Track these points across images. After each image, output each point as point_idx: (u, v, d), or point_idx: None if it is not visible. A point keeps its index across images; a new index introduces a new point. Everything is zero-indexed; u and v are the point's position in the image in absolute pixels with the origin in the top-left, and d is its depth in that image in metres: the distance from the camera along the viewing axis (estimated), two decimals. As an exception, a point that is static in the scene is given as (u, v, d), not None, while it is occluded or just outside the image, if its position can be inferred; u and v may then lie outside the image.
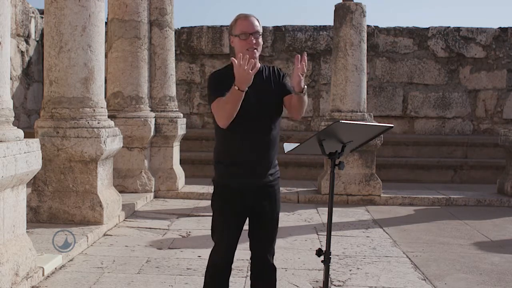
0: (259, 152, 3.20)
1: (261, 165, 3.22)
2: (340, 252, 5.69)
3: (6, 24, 4.02)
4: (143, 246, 5.83)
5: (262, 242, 3.33)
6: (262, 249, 3.33)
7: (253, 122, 3.15)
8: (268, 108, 3.20)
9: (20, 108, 11.75)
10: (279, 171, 3.38)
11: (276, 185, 3.33)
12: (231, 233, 3.27)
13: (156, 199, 8.73)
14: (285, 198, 8.85)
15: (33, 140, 4.36)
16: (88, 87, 6.21)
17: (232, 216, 3.25)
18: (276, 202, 3.32)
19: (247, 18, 3.18)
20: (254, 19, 3.19)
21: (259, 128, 3.18)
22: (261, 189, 3.25)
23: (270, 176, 3.27)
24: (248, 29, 3.15)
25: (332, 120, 8.46)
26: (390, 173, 11.03)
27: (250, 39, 3.14)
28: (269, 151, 3.23)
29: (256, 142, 3.18)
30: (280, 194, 3.38)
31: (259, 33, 3.17)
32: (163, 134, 8.98)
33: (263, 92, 3.19)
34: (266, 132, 3.21)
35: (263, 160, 3.22)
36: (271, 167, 3.26)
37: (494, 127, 12.52)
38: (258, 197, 3.25)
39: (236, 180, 3.21)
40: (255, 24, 3.17)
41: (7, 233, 4.07)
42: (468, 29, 12.64)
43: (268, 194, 3.28)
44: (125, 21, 8.56)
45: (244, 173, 3.20)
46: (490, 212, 8.23)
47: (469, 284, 4.82)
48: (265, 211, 3.28)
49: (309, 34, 12.68)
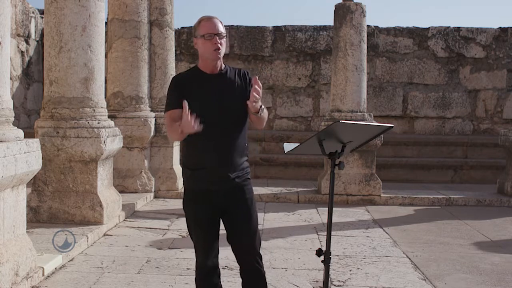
0: (222, 155, 3.17)
1: (225, 169, 3.18)
2: (340, 252, 5.69)
3: (6, 24, 4.02)
4: (143, 246, 5.83)
5: (242, 246, 3.28)
6: (245, 253, 3.29)
7: (216, 126, 3.13)
8: (230, 111, 3.18)
9: (20, 108, 11.75)
10: (248, 172, 3.33)
11: (246, 187, 3.27)
12: (203, 236, 3.25)
13: (156, 199, 8.73)
14: (285, 198, 8.86)
15: (33, 140, 4.36)
16: (88, 87, 6.21)
17: (201, 219, 3.24)
18: (247, 203, 3.26)
19: (210, 19, 3.21)
20: (217, 20, 3.22)
21: (221, 132, 3.16)
22: (229, 192, 3.21)
23: (237, 178, 3.22)
24: (213, 30, 3.16)
25: (332, 120, 8.47)
26: (390, 173, 11.03)
27: (214, 39, 3.15)
28: (233, 154, 3.19)
29: (219, 146, 3.16)
30: (253, 195, 3.31)
31: (222, 34, 3.19)
32: (163, 134, 8.98)
33: (225, 95, 3.19)
34: (229, 135, 3.19)
35: (227, 163, 3.18)
36: (236, 170, 3.21)
37: (494, 127, 12.53)
38: (227, 201, 3.22)
39: (201, 184, 3.21)
40: (218, 25, 3.19)
41: (7, 233, 4.07)
42: (468, 29, 12.64)
43: (238, 197, 3.23)
44: (125, 21, 8.56)
45: (208, 177, 3.18)
46: (490, 212, 8.23)
47: (469, 284, 4.82)
48: (238, 215, 3.24)
49: (309, 34, 12.68)
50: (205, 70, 3.25)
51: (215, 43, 3.15)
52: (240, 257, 3.30)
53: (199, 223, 3.25)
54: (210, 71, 3.24)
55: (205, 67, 3.25)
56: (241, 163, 3.24)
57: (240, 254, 3.30)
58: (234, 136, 3.20)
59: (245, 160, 3.29)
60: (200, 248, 3.28)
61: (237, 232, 3.26)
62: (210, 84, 3.21)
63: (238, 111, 3.20)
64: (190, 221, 3.31)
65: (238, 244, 3.29)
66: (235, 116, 3.20)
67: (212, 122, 3.12)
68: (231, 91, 3.22)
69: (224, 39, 3.20)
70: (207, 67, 3.24)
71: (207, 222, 3.24)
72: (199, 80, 3.23)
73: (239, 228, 3.26)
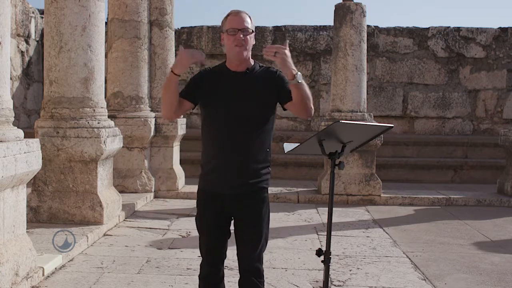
0: (236, 158, 3.01)
1: (237, 172, 3.02)
2: (340, 252, 5.69)
3: (6, 24, 4.02)
4: (143, 246, 5.83)
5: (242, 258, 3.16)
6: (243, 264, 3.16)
7: (234, 126, 3.00)
8: (250, 112, 3.02)
9: (20, 108, 11.74)
10: (266, 180, 3.11)
11: (258, 196, 3.08)
12: (207, 237, 3.17)
13: (156, 199, 8.73)
14: (285, 198, 8.86)
15: (33, 140, 4.36)
16: (88, 87, 6.21)
17: (207, 220, 3.15)
18: (256, 214, 3.09)
19: (238, 14, 3.03)
20: (245, 15, 3.04)
21: (239, 133, 3.00)
22: (238, 199, 3.06)
23: (252, 185, 3.05)
24: (237, 25, 3.00)
25: (332, 120, 8.47)
26: (390, 173, 11.03)
27: (238, 35, 2.99)
28: (248, 158, 3.02)
29: (234, 147, 3.00)
30: (266, 205, 3.11)
31: (248, 30, 3.01)
32: (163, 134, 8.98)
33: (247, 94, 3.03)
34: (247, 137, 3.01)
35: (240, 167, 3.02)
36: (250, 175, 3.04)
37: (494, 127, 12.52)
38: (235, 207, 3.08)
39: (211, 186, 3.10)
40: (245, 20, 3.01)
41: (7, 233, 4.07)
42: (468, 29, 12.64)
43: (248, 205, 3.07)
44: (125, 21, 8.56)
45: (219, 178, 3.05)
46: (490, 212, 8.23)
47: (469, 284, 4.82)
48: (243, 225, 3.11)
49: (309, 34, 12.69)
50: (230, 67, 3.10)
51: (237, 39, 2.99)
52: (240, 267, 3.20)
53: (204, 222, 3.18)
54: (234, 68, 3.08)
55: (230, 64, 3.10)
56: (258, 169, 3.06)
57: (240, 264, 3.20)
58: (252, 139, 3.02)
59: (265, 167, 3.10)
60: (203, 248, 3.22)
61: (239, 243, 3.16)
62: (232, 82, 3.05)
63: (258, 113, 3.04)
64: (197, 220, 3.23)
65: (238, 255, 3.19)
66: (254, 119, 3.03)
67: (229, 122, 3.00)
68: (254, 90, 3.04)
69: (251, 35, 3.03)
70: (232, 63, 3.08)
71: (212, 223, 3.15)
72: (223, 76, 3.09)
73: (240, 238, 3.15)
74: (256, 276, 3.15)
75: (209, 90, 3.07)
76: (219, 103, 3.04)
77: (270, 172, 3.17)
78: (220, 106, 3.03)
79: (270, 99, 3.08)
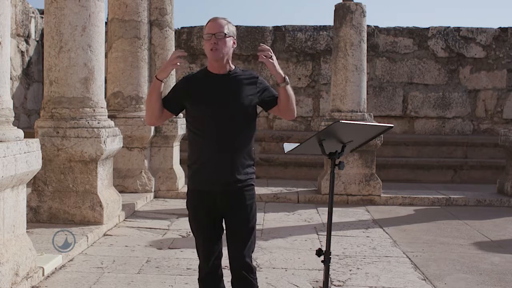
0: (223, 157, 3.11)
1: (225, 171, 3.12)
2: (340, 252, 5.69)
3: (6, 24, 4.02)
4: (143, 246, 5.83)
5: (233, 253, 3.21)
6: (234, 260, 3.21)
7: (219, 127, 3.10)
8: (234, 113, 3.13)
9: (20, 108, 11.75)
10: (252, 178, 3.24)
11: (246, 192, 3.19)
12: (202, 236, 3.22)
13: (156, 199, 8.73)
14: (285, 198, 8.86)
15: (33, 140, 4.36)
16: (88, 87, 6.21)
17: (200, 220, 3.22)
18: (246, 211, 3.18)
19: (214, 20, 3.17)
20: (222, 21, 3.16)
21: (224, 133, 3.11)
22: (227, 196, 3.16)
23: (238, 182, 3.15)
24: (212, 30, 3.12)
25: (332, 120, 8.46)
26: (390, 173, 11.04)
27: (212, 39, 3.10)
28: (234, 157, 3.13)
29: (220, 147, 3.11)
30: (253, 201, 3.23)
31: (223, 33, 3.11)
32: (163, 134, 8.98)
33: (230, 96, 3.14)
34: (232, 137, 3.12)
35: (227, 165, 3.12)
36: (237, 173, 3.14)
37: (494, 127, 12.53)
38: (224, 204, 3.17)
39: (200, 184, 3.18)
40: (220, 25, 3.12)
41: (7, 233, 4.07)
42: (468, 29, 12.65)
43: (236, 202, 3.17)
44: (125, 21, 8.56)
45: (207, 177, 3.14)
46: (490, 212, 8.23)
47: (469, 284, 4.82)
48: (233, 221, 3.19)
49: (309, 34, 12.69)
50: (212, 71, 3.22)
51: (211, 43, 3.11)
52: (231, 266, 3.23)
53: (198, 223, 3.24)
54: (216, 71, 3.20)
55: (211, 67, 3.22)
56: (244, 167, 3.17)
57: (230, 261, 3.24)
58: (237, 139, 3.14)
59: (250, 165, 3.22)
60: (200, 248, 3.26)
61: (229, 239, 3.22)
62: (216, 84, 3.17)
63: (242, 113, 3.15)
64: (191, 223, 3.30)
65: (229, 251, 3.23)
66: (239, 118, 3.14)
67: (215, 122, 3.10)
68: (236, 93, 3.16)
69: (225, 39, 3.12)
70: (213, 67, 3.21)
71: (206, 223, 3.21)
72: (206, 79, 3.20)
73: (231, 235, 3.21)
74: (248, 271, 3.20)
75: (193, 93, 3.18)
76: (204, 105, 3.15)
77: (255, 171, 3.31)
78: (206, 107, 3.14)
79: (252, 100, 3.20)
